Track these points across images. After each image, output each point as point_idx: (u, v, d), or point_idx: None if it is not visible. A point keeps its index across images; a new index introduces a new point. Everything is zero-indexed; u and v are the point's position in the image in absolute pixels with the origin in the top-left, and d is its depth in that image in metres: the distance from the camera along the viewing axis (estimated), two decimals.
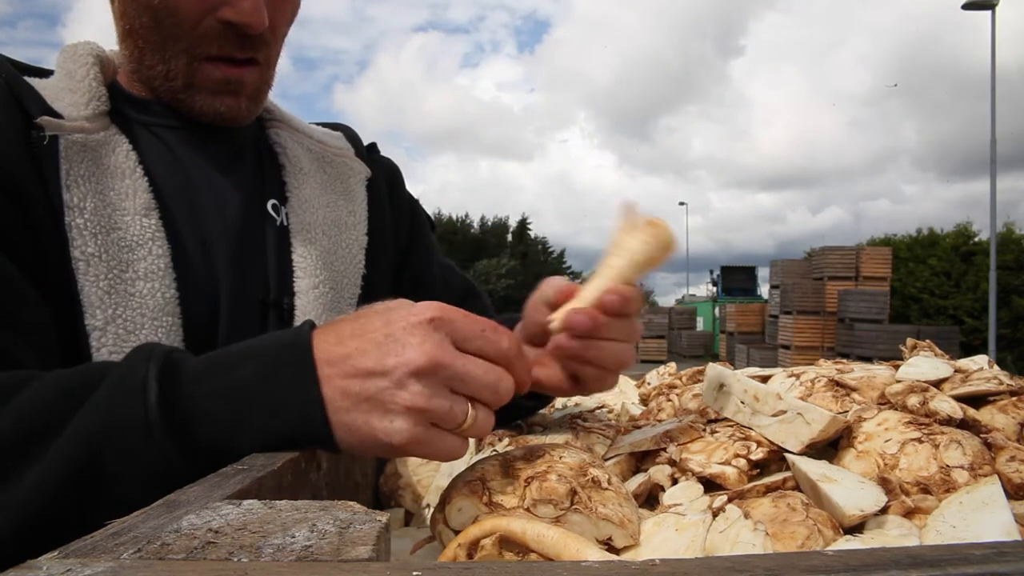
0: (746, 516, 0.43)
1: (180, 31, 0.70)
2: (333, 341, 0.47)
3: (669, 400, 0.74)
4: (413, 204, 1.02)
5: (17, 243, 0.62)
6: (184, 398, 0.46)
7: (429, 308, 0.47)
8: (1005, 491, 0.44)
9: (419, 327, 0.46)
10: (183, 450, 0.45)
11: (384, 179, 0.97)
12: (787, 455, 0.52)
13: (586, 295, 0.58)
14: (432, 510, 0.49)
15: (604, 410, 0.79)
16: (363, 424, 0.46)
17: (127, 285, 0.67)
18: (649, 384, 0.89)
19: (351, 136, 0.98)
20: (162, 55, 0.72)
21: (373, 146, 1.01)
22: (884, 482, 0.48)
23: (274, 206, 0.82)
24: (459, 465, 0.64)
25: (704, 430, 0.57)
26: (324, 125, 0.98)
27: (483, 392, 0.47)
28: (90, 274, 0.65)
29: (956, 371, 0.66)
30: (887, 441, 0.51)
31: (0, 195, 0.61)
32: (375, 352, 0.46)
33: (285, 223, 0.82)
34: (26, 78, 0.71)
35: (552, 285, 0.64)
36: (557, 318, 0.57)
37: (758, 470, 0.52)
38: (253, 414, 0.46)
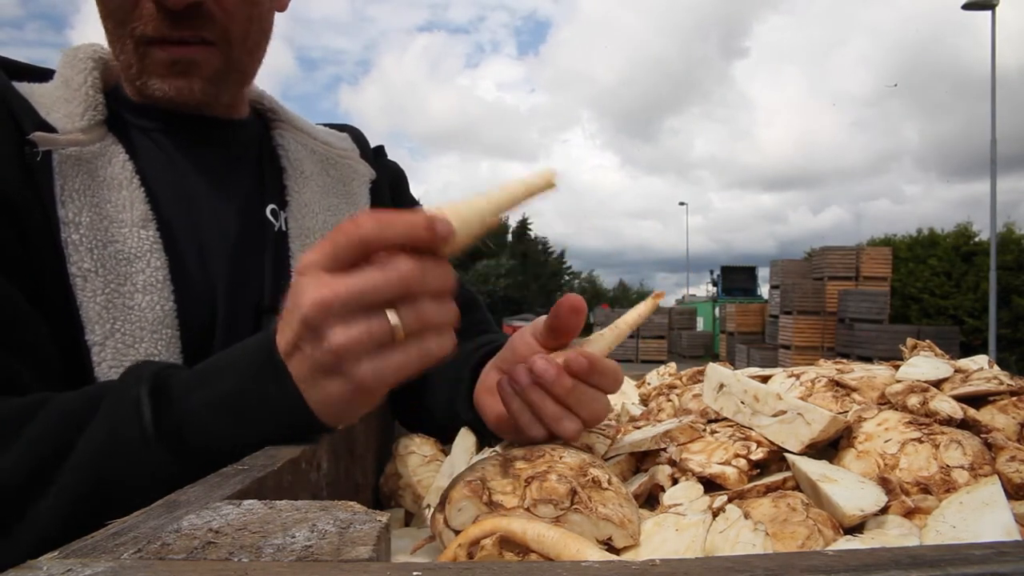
0: (746, 516, 0.43)
1: (122, 16, 0.68)
2: (279, 328, 0.48)
3: (669, 400, 0.74)
4: (416, 208, 1.02)
5: (14, 262, 0.61)
6: (176, 413, 0.48)
7: (303, 257, 0.46)
8: (1005, 491, 0.44)
9: (297, 283, 0.46)
10: (181, 459, 0.47)
11: (388, 182, 0.97)
12: (787, 455, 0.52)
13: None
14: (432, 510, 0.49)
15: None
16: (327, 391, 0.47)
17: (125, 298, 0.66)
18: (649, 384, 0.89)
19: (357, 137, 0.97)
20: (119, 45, 0.71)
21: (380, 149, 1.01)
22: (884, 482, 0.48)
23: (273, 211, 0.81)
24: (460, 465, 0.64)
25: (704, 430, 0.57)
26: (331, 126, 0.98)
27: (386, 291, 0.44)
28: (87, 289, 0.64)
29: (956, 371, 0.65)
30: (887, 441, 0.51)
31: None
32: (287, 326, 0.47)
33: (284, 228, 0.81)
34: (24, 85, 0.70)
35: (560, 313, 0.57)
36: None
37: (758, 470, 0.52)
38: (243, 421, 0.48)
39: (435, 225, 0.44)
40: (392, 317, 0.44)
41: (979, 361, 0.73)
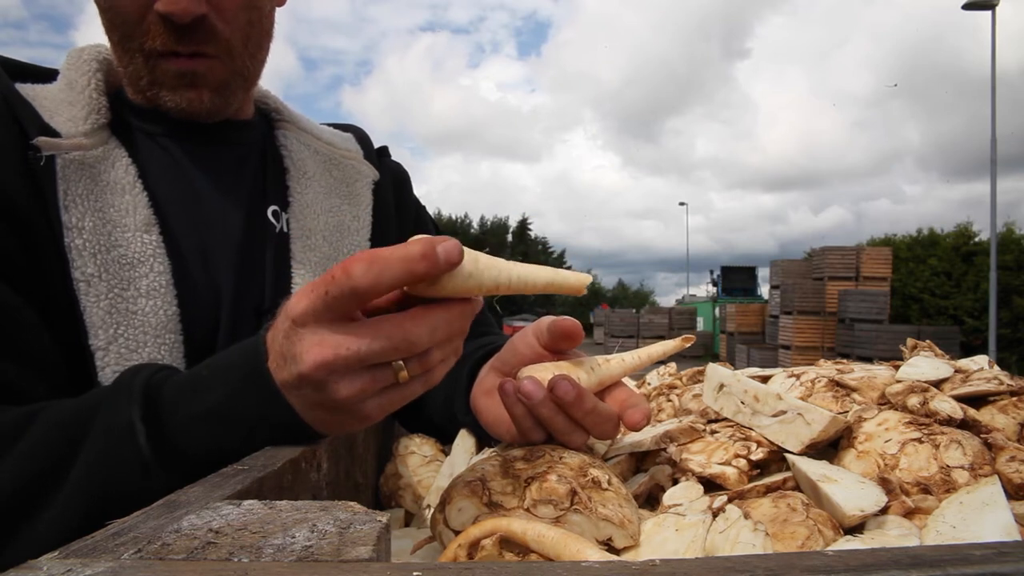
0: (746, 516, 0.43)
1: (129, 29, 0.69)
2: (271, 353, 0.48)
3: (669, 400, 0.74)
4: (419, 209, 1.02)
5: (18, 269, 0.61)
6: (168, 429, 0.48)
7: (295, 303, 0.44)
8: (1005, 491, 0.44)
9: (291, 334, 0.44)
10: (178, 469, 0.48)
11: (391, 183, 0.97)
12: (787, 455, 0.52)
13: (567, 367, 0.54)
14: (432, 510, 0.49)
15: None
16: (328, 420, 0.48)
17: (128, 303, 0.66)
18: (649, 384, 0.89)
19: (361, 138, 0.97)
20: (127, 56, 0.71)
21: (384, 149, 1.01)
22: (884, 482, 0.48)
23: (275, 212, 0.81)
24: (460, 465, 0.64)
25: (704, 430, 0.57)
26: (335, 126, 0.97)
27: (391, 355, 0.44)
28: (91, 294, 0.64)
29: (956, 371, 0.65)
30: (887, 441, 0.51)
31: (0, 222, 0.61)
32: (284, 364, 0.46)
33: (285, 229, 0.81)
34: (28, 87, 0.70)
35: (558, 325, 0.57)
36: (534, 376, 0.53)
37: (758, 470, 0.52)
38: (231, 433, 0.48)
39: (434, 252, 0.41)
40: (396, 364, 0.45)
41: (979, 361, 0.73)
